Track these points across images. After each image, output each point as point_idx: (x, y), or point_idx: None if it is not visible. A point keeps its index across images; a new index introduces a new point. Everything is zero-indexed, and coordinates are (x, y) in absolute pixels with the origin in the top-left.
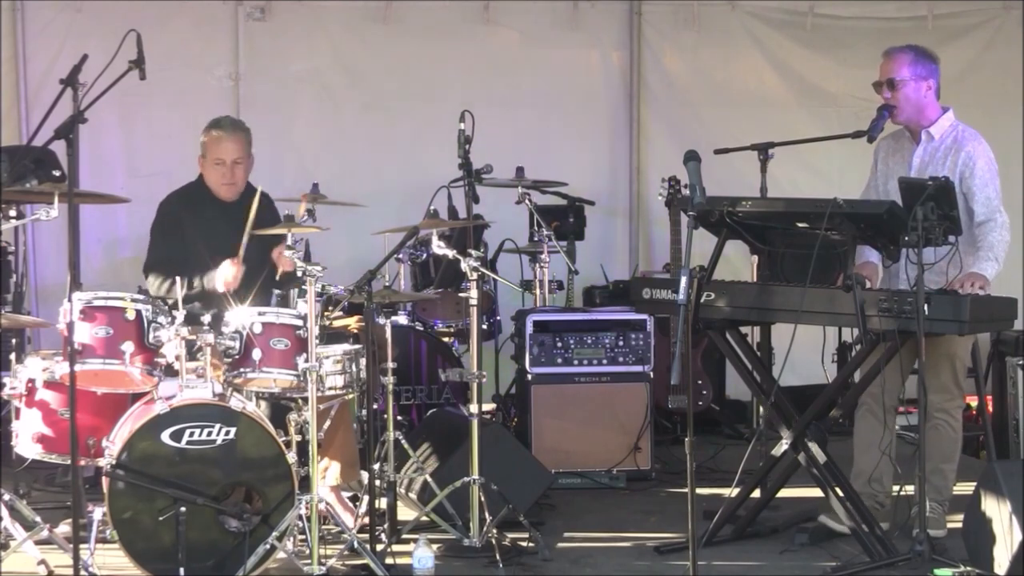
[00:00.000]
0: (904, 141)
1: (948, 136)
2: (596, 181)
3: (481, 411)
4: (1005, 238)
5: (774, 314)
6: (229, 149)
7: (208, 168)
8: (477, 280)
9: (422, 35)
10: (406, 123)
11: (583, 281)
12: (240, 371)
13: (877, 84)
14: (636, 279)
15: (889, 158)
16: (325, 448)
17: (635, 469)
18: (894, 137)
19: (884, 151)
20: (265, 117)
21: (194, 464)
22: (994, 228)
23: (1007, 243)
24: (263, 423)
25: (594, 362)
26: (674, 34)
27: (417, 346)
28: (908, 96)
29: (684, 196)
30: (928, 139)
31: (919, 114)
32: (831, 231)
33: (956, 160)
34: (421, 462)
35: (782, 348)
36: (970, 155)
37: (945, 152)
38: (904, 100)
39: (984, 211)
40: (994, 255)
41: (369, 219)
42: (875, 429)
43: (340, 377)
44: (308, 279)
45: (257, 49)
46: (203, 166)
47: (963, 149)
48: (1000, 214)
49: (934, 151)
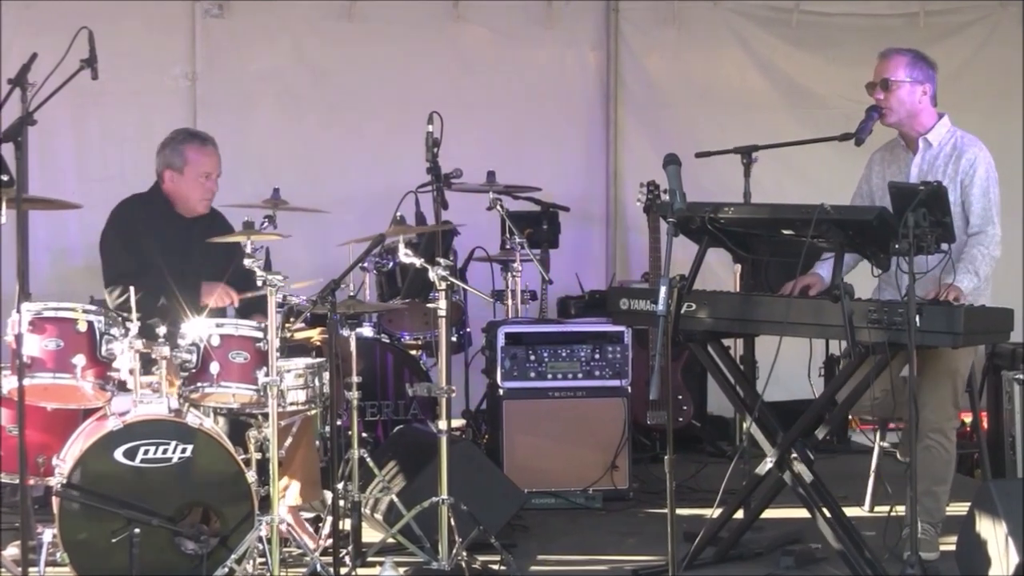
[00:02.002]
0: (899, 151)
1: (947, 143)
2: (571, 186)
3: (450, 428)
4: (992, 253)
5: (758, 326)
6: (215, 163)
7: (189, 182)
8: (446, 290)
9: (388, 33)
10: (372, 125)
11: (557, 291)
12: (197, 386)
13: (870, 84)
14: (613, 289)
15: (885, 169)
16: (285, 466)
17: (612, 488)
18: (888, 148)
19: (879, 162)
20: (223, 119)
21: (149, 483)
22: (982, 241)
23: (993, 259)
24: (221, 440)
25: (569, 376)
26: (653, 32)
27: (383, 359)
28: (902, 99)
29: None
30: (926, 147)
31: (912, 119)
32: (818, 239)
33: (957, 167)
34: (387, 481)
35: (766, 361)
36: (971, 162)
37: (945, 160)
38: (897, 102)
39: (978, 222)
40: (974, 268)
41: (333, 226)
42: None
43: (302, 392)
44: (269, 289)
45: (215, 48)
46: (176, 179)
47: (964, 156)
48: (993, 227)
49: (933, 159)
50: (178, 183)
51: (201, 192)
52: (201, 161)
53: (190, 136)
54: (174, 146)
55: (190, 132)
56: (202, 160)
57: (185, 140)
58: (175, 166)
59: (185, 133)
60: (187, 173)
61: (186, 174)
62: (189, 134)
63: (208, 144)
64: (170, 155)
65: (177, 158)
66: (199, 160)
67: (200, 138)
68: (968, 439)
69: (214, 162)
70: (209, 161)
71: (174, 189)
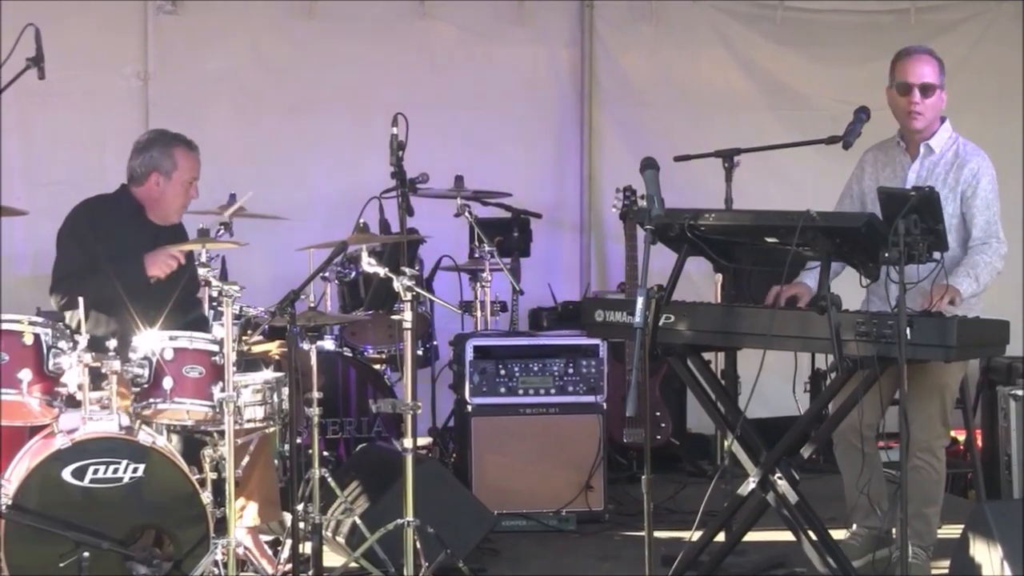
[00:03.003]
0: (896, 153)
1: (949, 150)
2: (543, 191)
3: (416, 446)
4: (994, 264)
5: (740, 338)
6: (198, 169)
7: (176, 187)
8: (411, 301)
9: (351, 31)
10: (333, 127)
11: (529, 302)
12: (149, 402)
13: (903, 85)
14: (588, 300)
15: (879, 171)
16: (242, 486)
17: (587, 510)
18: (883, 148)
19: (872, 163)
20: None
21: (99, 504)
22: (986, 251)
23: (995, 271)
24: (175, 459)
25: (541, 392)
26: (630, 29)
27: (345, 374)
28: (934, 105)
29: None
30: (927, 152)
31: (932, 125)
32: (803, 247)
33: (958, 177)
34: (350, 502)
35: (749, 376)
36: (974, 173)
37: (946, 168)
38: (931, 108)
39: (981, 235)
40: (975, 274)
41: (292, 233)
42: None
43: (260, 408)
44: (225, 300)
45: (169, 46)
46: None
47: (966, 165)
48: (998, 240)
49: (933, 166)
50: (164, 188)
51: (184, 199)
52: (189, 166)
53: (175, 139)
54: (162, 148)
55: (173, 134)
56: (190, 165)
57: (172, 143)
58: (163, 169)
59: (169, 135)
60: (175, 178)
61: (174, 179)
62: (173, 136)
63: (194, 148)
64: (159, 157)
65: (167, 161)
66: (187, 165)
67: (186, 142)
68: (961, 458)
69: (198, 168)
70: (196, 167)
71: (158, 194)
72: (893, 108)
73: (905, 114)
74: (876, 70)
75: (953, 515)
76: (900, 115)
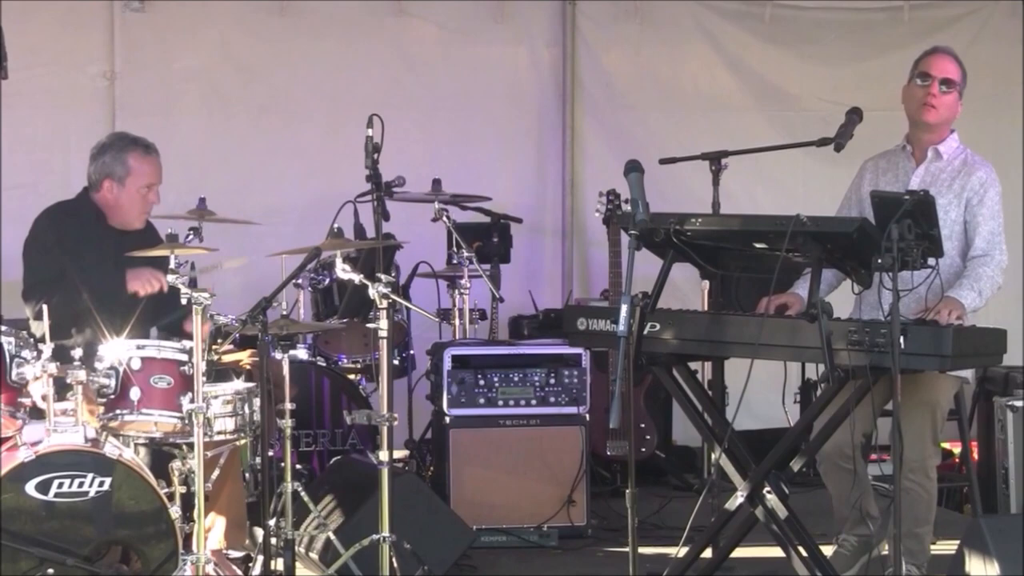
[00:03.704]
0: (900, 159)
1: (956, 157)
2: (524, 195)
3: (392, 459)
4: (996, 279)
5: (728, 348)
6: (158, 173)
7: (130, 194)
8: (387, 309)
9: (325, 29)
10: (306, 129)
11: (509, 310)
12: (116, 413)
13: (924, 75)
14: (570, 308)
15: (879, 178)
16: (212, 501)
17: (569, 525)
18: (885, 156)
19: (872, 170)
20: (145, 121)
21: (64, 519)
22: (988, 263)
23: (997, 285)
24: (142, 472)
25: (521, 403)
26: (614, 28)
27: (319, 384)
28: (950, 105)
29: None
30: (935, 157)
31: (944, 127)
32: (793, 253)
33: (964, 184)
34: (323, 517)
35: (737, 386)
36: (982, 182)
37: (952, 174)
38: (947, 107)
39: (984, 245)
40: (978, 288)
41: (264, 239)
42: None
43: (231, 420)
44: (194, 308)
45: (136, 44)
46: (117, 191)
47: (974, 174)
48: (1000, 252)
49: (939, 171)
50: (118, 195)
51: (142, 206)
52: (144, 171)
53: (132, 142)
54: (115, 153)
55: (131, 138)
56: (145, 170)
57: (127, 147)
58: (116, 175)
59: (126, 139)
60: (129, 184)
61: (128, 185)
62: (130, 140)
63: (152, 152)
64: (111, 163)
65: (119, 167)
66: (142, 170)
67: (143, 145)
68: (957, 471)
69: (157, 172)
70: (153, 171)
71: (112, 201)
72: (907, 103)
73: (919, 105)
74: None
75: (948, 530)
76: (913, 107)
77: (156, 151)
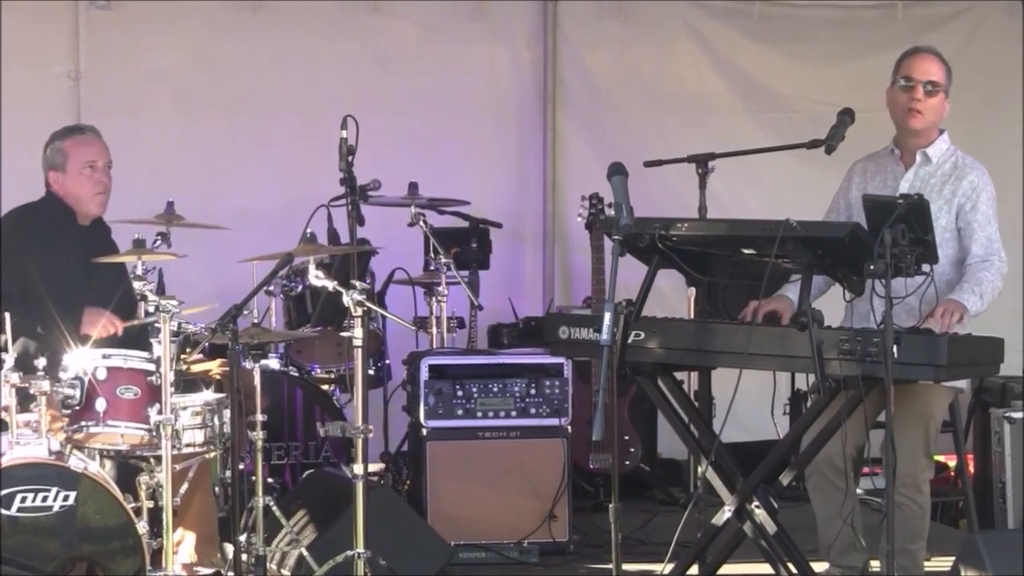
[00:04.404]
0: (888, 162)
1: (946, 161)
2: (503, 199)
3: (367, 472)
4: (997, 284)
5: (715, 357)
6: (97, 149)
7: (73, 177)
8: (362, 317)
9: (299, 27)
10: (279, 131)
11: (488, 318)
12: (81, 425)
13: (907, 79)
14: (551, 316)
15: (867, 182)
16: (181, 516)
17: (550, 541)
18: (873, 159)
19: (860, 174)
20: (112, 122)
21: (27, 535)
22: (988, 268)
23: (997, 290)
24: (108, 487)
25: (501, 414)
26: (597, 26)
27: (291, 395)
28: (936, 107)
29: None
30: (924, 161)
31: (931, 130)
32: (783, 259)
33: (956, 189)
34: (296, 533)
35: (724, 397)
36: (974, 186)
37: (943, 178)
38: (932, 110)
39: (981, 252)
40: (980, 291)
41: (234, 244)
42: (835, 498)
43: (200, 432)
44: (162, 316)
45: (101, 43)
46: (61, 179)
47: (965, 178)
48: (1000, 259)
49: (928, 176)
50: (64, 182)
51: (91, 185)
52: (81, 151)
53: (67, 131)
54: (53, 145)
55: (67, 128)
56: (82, 149)
57: (63, 135)
58: (56, 165)
59: (63, 130)
60: (69, 169)
61: (69, 170)
62: (67, 129)
63: (86, 132)
64: (51, 155)
65: (58, 156)
66: (79, 150)
67: (77, 129)
68: (952, 485)
69: (96, 149)
70: (90, 149)
71: (63, 191)
72: (892, 107)
73: (904, 111)
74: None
75: (943, 546)
76: (899, 113)
77: (93, 131)
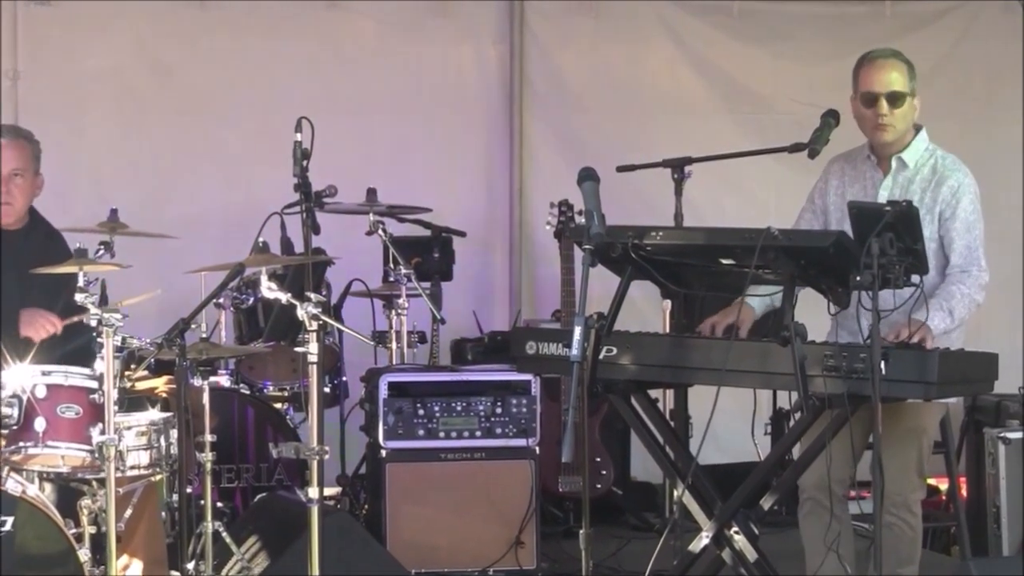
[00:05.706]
0: (866, 168)
1: (925, 164)
2: (467, 207)
3: (323, 496)
4: (973, 296)
5: (692, 374)
6: (16, 156)
7: None
8: (318, 331)
9: (251, 25)
10: (229, 134)
11: (451, 332)
12: (19, 445)
13: (868, 95)
14: (518, 330)
15: (846, 186)
16: (125, 542)
17: (517, 569)
18: (850, 159)
19: (838, 175)
20: (51, 125)
21: None
22: (964, 280)
23: (974, 303)
24: (48, 511)
25: (465, 434)
26: (567, 24)
27: (242, 414)
28: (905, 115)
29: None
30: (900, 167)
31: (904, 137)
32: (764, 269)
33: (936, 196)
34: (247, 560)
35: (702, 417)
36: (954, 191)
37: (922, 185)
38: (901, 119)
39: (960, 261)
40: (948, 307)
41: (182, 254)
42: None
43: (145, 453)
44: (105, 330)
45: (41, 41)
46: None
47: (945, 183)
48: (979, 268)
49: (907, 183)
50: None
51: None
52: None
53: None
54: None
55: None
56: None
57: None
58: None
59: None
60: None
61: None
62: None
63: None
64: None
65: None
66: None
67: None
68: (943, 510)
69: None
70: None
71: None
72: (858, 121)
73: (872, 127)
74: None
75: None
76: (867, 128)
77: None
